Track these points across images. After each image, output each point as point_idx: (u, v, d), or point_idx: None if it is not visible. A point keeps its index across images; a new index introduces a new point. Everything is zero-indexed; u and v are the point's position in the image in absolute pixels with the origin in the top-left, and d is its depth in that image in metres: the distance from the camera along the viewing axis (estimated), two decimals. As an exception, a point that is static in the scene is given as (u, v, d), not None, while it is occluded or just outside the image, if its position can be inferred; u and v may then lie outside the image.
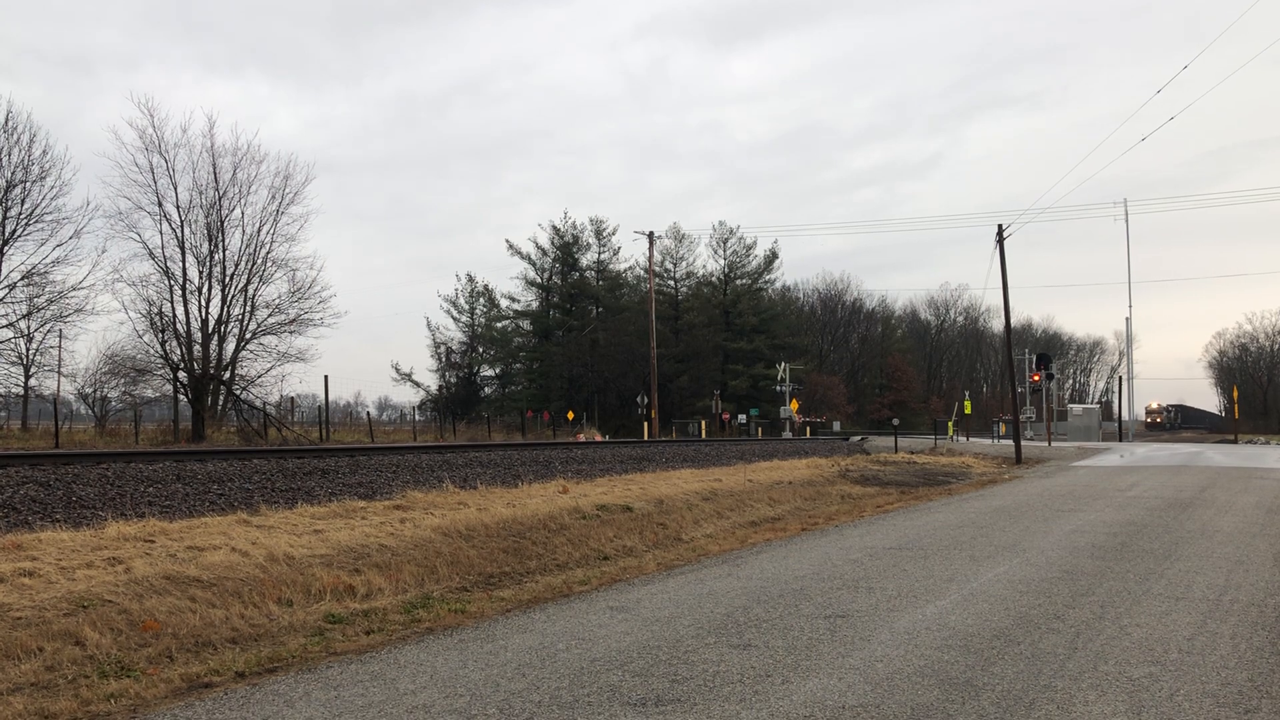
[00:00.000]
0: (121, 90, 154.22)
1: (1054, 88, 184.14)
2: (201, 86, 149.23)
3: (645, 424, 56.03)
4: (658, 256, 74.24)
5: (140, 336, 38.56)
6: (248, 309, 42.54)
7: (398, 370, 77.98)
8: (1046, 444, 47.66)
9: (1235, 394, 74.96)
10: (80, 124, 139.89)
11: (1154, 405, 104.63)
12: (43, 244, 38.01)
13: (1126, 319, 73.70)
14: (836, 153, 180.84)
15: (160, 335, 37.83)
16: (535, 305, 79.53)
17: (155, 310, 38.41)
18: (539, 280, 78.65)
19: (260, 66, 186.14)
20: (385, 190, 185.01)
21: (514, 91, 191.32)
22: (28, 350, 39.42)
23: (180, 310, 40.03)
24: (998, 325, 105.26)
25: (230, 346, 42.19)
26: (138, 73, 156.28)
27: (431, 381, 78.32)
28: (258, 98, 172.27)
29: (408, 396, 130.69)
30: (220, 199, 41.34)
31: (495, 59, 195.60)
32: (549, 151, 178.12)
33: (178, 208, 40.22)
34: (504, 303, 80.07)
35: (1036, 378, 58.99)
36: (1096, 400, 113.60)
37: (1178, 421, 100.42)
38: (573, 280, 78.38)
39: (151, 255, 39.66)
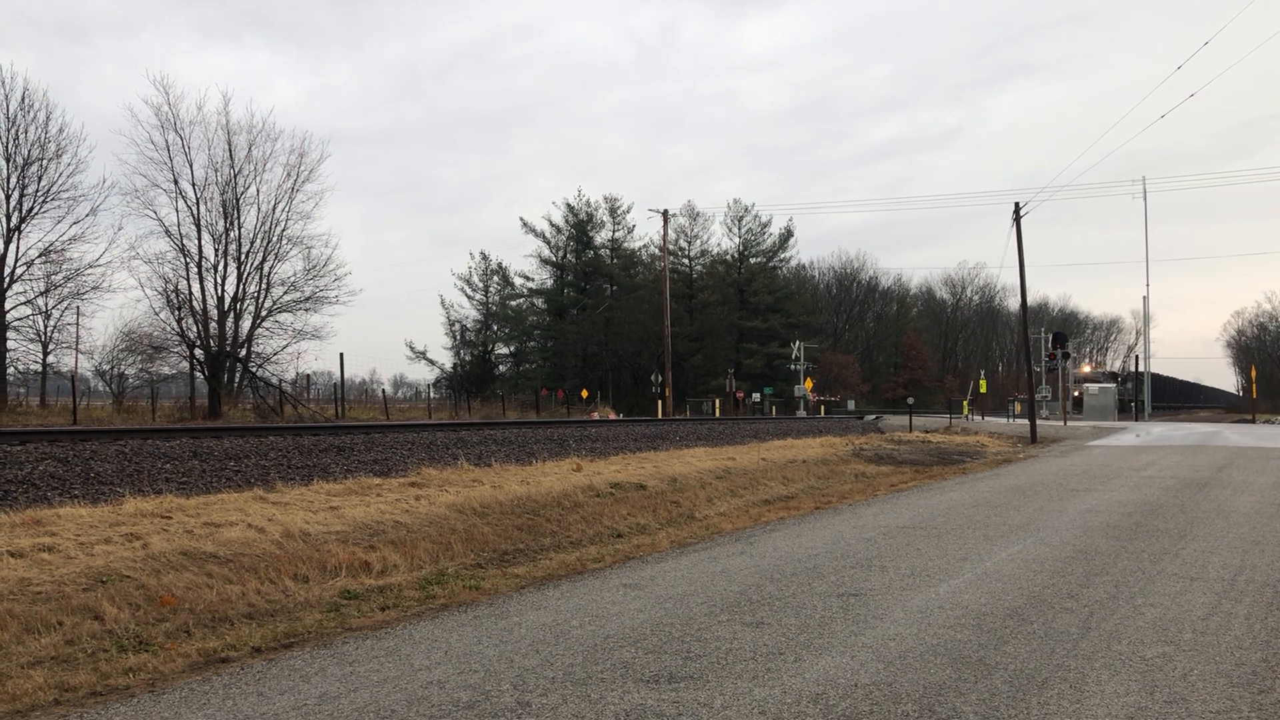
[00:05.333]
0: (118, 58, 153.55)
1: (1079, 54, 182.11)
2: (200, 54, 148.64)
3: (659, 402, 56.06)
4: (672, 234, 74.08)
5: (157, 314, 38.79)
6: (263, 286, 42.75)
7: (412, 348, 78.20)
8: (1062, 423, 47.47)
9: (1254, 373, 74.41)
10: (78, 93, 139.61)
11: (1085, 369, 75.77)
12: (60, 221, 38.28)
13: (1144, 298, 73.17)
14: (854, 124, 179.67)
15: (177, 312, 38.03)
16: (549, 283, 79.52)
17: (171, 288, 38.61)
18: (553, 258, 78.65)
19: (258, 33, 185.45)
20: (391, 162, 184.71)
21: (520, 59, 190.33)
22: (46, 327, 39.68)
23: (196, 288, 40.23)
24: (1014, 304, 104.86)
25: (246, 324, 42.42)
26: (134, 39, 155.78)
27: (446, 359, 78.59)
28: (257, 66, 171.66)
29: (423, 374, 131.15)
30: (235, 176, 41.45)
31: (499, 24, 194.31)
32: (557, 122, 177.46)
33: (193, 185, 40.35)
34: (518, 281, 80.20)
35: (1053, 357, 58.67)
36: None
37: (1131, 397, 76.23)
38: (587, 258, 78.29)
39: (168, 233, 39.84)
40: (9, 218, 37.36)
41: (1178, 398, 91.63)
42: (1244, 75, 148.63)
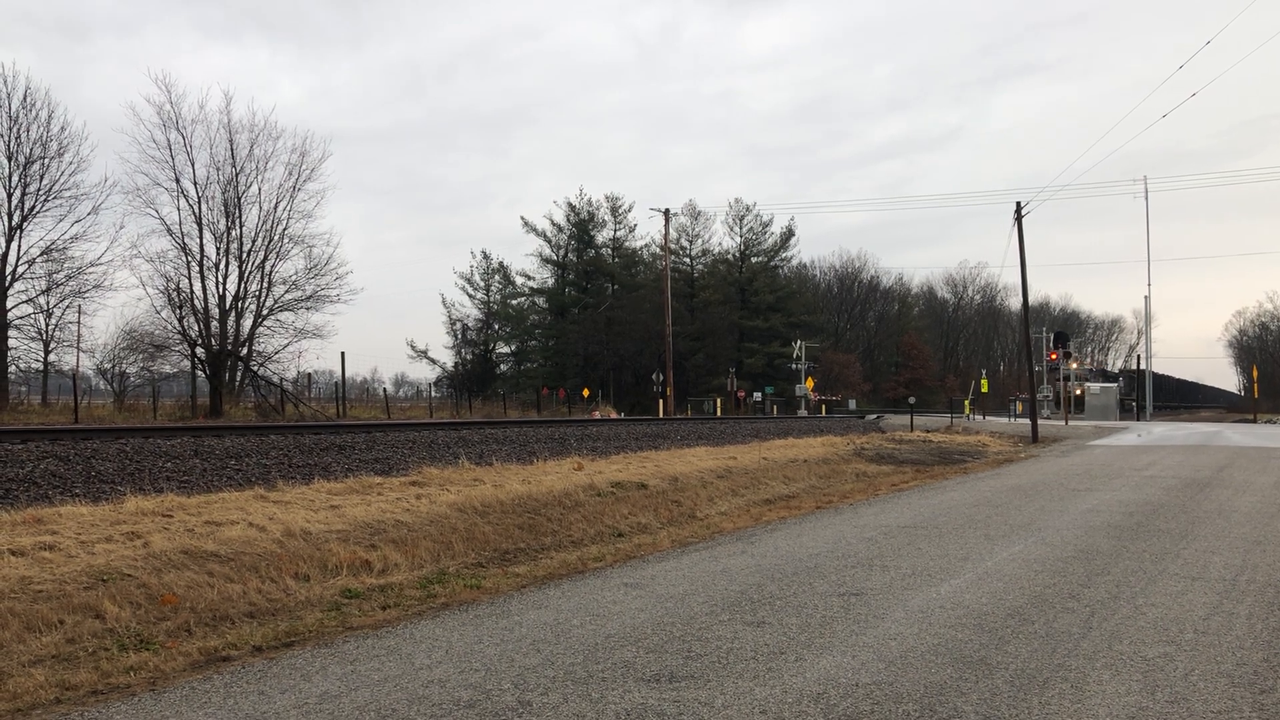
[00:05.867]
0: (120, 56, 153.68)
1: (1081, 54, 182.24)
2: (201, 53, 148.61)
3: (660, 402, 56.06)
4: (673, 234, 74.12)
5: (158, 312, 38.84)
6: (265, 285, 42.84)
7: (413, 347, 78.21)
8: (1063, 423, 47.45)
9: (1255, 373, 74.39)
10: (79, 92, 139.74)
11: (1073, 366, 64.42)
12: (61, 220, 38.32)
13: (1145, 297, 73.18)
14: (855, 124, 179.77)
15: (178, 311, 38.07)
16: (551, 282, 79.53)
17: (173, 286, 38.68)
18: (554, 257, 78.65)
19: (259, 32, 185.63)
20: (392, 162, 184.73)
21: (521, 59, 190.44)
22: (47, 326, 39.71)
23: (198, 286, 40.33)
24: (1015, 303, 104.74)
25: (248, 323, 42.51)
26: (135, 38, 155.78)
27: (447, 358, 78.60)
28: (258, 65, 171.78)
29: (424, 373, 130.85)
30: (237, 175, 41.56)
31: (501, 24, 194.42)
32: (558, 122, 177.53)
33: (195, 184, 40.47)
34: (519, 280, 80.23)
35: (1054, 356, 58.68)
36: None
37: (1125, 394, 68.62)
38: (588, 257, 78.30)
39: (169, 231, 39.95)
40: (11, 216, 37.43)
41: (1179, 397, 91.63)
42: (1246, 75, 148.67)
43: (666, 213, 60.07)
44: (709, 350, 74.27)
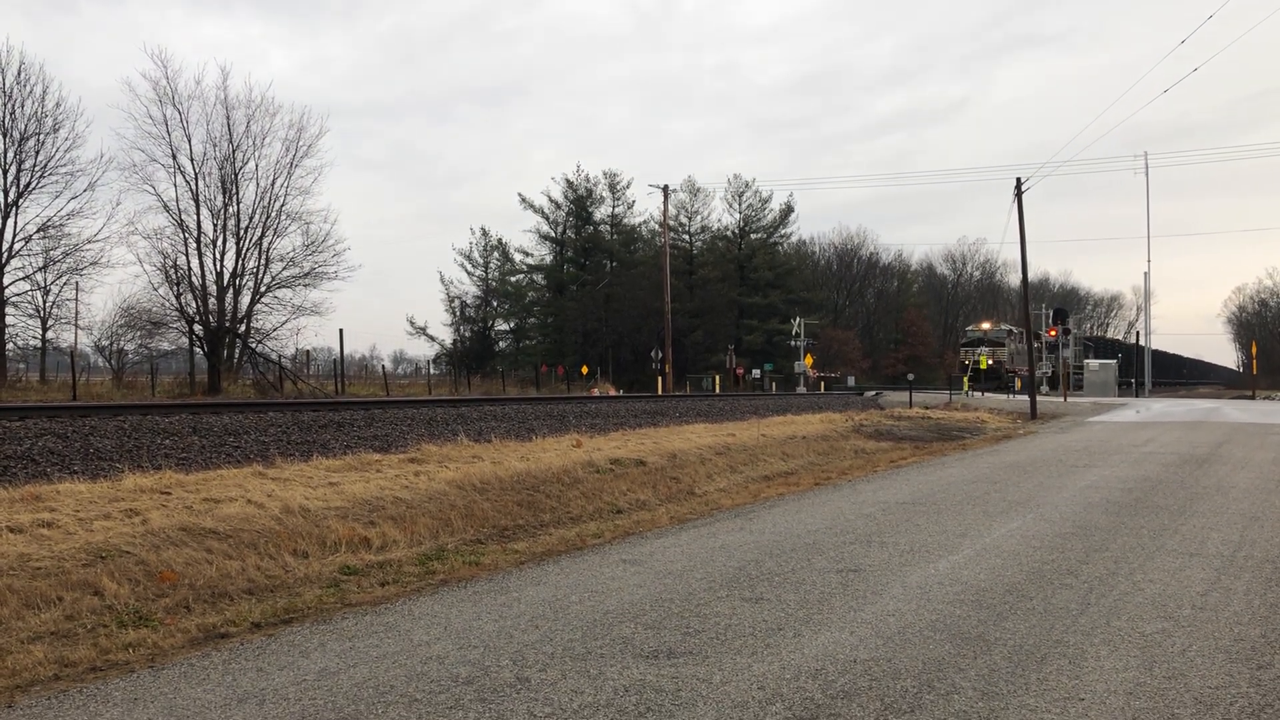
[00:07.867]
0: (108, 28, 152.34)
1: (1087, 26, 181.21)
2: (192, 25, 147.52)
3: (659, 379, 56.05)
4: (672, 210, 73.85)
5: (156, 289, 38.80)
6: (262, 262, 42.72)
7: (412, 324, 78.25)
8: (1062, 399, 47.47)
9: (1254, 349, 74.37)
10: (70, 65, 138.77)
11: (985, 326, 68.43)
12: (57, 196, 38.24)
13: (1145, 274, 73.07)
14: (858, 97, 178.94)
15: (175, 288, 38.01)
16: (549, 259, 79.36)
17: (170, 263, 38.59)
18: (552, 234, 78.43)
19: (250, 3, 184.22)
20: (389, 136, 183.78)
21: (518, 30, 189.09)
22: (45, 303, 39.70)
23: (195, 263, 40.20)
24: (1015, 280, 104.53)
25: (245, 299, 42.41)
26: (123, 7, 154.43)
27: (446, 335, 78.62)
28: (250, 37, 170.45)
29: (422, 350, 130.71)
30: (234, 151, 41.36)
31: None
32: (557, 95, 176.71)
33: (192, 160, 40.27)
34: (517, 256, 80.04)
35: (1053, 333, 58.65)
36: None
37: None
38: (586, 234, 78.07)
39: (166, 208, 39.77)
40: (6, 193, 37.34)
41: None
42: (1247, 50, 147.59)
43: (665, 189, 59.88)
44: (708, 327, 74.20)
